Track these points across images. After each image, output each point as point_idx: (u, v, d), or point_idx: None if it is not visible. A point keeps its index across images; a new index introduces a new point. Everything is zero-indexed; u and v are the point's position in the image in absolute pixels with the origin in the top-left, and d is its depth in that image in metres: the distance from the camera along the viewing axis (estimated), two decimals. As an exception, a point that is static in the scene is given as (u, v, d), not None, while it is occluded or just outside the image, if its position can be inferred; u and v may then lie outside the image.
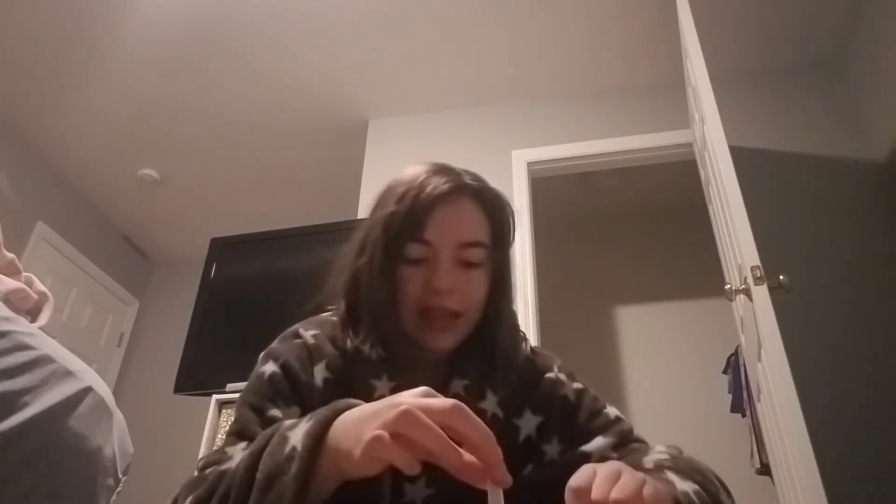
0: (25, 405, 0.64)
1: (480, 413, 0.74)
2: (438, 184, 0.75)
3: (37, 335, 0.73)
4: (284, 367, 0.74)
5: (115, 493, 0.76)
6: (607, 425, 0.79)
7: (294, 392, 0.72)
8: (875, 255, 2.33)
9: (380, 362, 0.75)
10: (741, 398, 2.67)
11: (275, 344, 0.79)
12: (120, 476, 0.76)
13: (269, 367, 0.74)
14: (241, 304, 2.53)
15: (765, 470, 2.39)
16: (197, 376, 2.36)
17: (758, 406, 2.00)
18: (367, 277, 0.76)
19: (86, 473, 0.70)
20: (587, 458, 0.74)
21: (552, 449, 0.78)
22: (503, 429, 0.76)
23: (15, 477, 0.62)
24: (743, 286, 1.65)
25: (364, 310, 0.77)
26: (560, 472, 0.74)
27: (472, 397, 0.75)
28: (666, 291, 3.44)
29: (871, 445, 2.02)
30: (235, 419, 0.72)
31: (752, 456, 2.60)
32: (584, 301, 3.52)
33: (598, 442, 0.76)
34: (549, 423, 0.79)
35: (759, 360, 1.72)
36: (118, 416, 0.78)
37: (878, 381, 2.11)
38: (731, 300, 1.89)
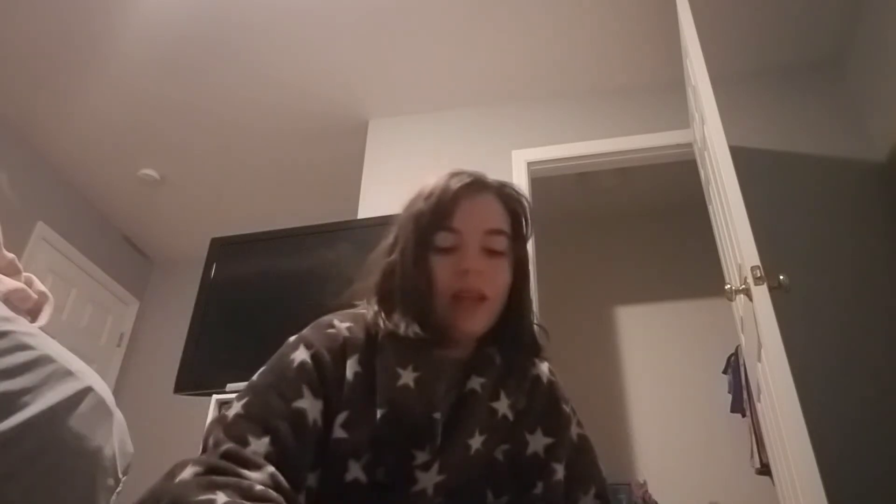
0: (25, 405, 0.64)
1: (492, 411, 0.79)
2: (462, 178, 0.83)
3: (37, 335, 0.73)
4: (316, 357, 0.74)
5: (114, 493, 0.76)
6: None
7: (322, 385, 0.72)
8: (875, 255, 2.33)
9: (408, 349, 0.77)
10: (741, 398, 2.67)
11: (307, 331, 0.79)
12: (120, 476, 0.76)
13: (300, 355, 0.73)
14: (241, 304, 2.53)
15: (765, 470, 2.39)
16: (197, 376, 2.36)
17: (758, 406, 2.00)
18: (402, 269, 0.80)
19: (86, 473, 0.70)
20: None
21: (560, 469, 0.82)
22: (510, 433, 0.80)
23: (15, 476, 0.62)
24: (743, 286, 1.65)
25: (398, 297, 0.80)
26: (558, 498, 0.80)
27: (486, 395, 0.80)
28: (666, 291, 3.44)
29: (871, 445, 2.02)
30: (261, 402, 0.69)
31: (752, 456, 2.60)
32: (584, 301, 3.52)
33: None
34: (558, 446, 0.83)
35: (759, 360, 1.72)
36: (118, 416, 0.78)
37: (878, 380, 2.11)
38: (731, 300, 1.89)
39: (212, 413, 2.08)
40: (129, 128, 3.22)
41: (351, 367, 0.75)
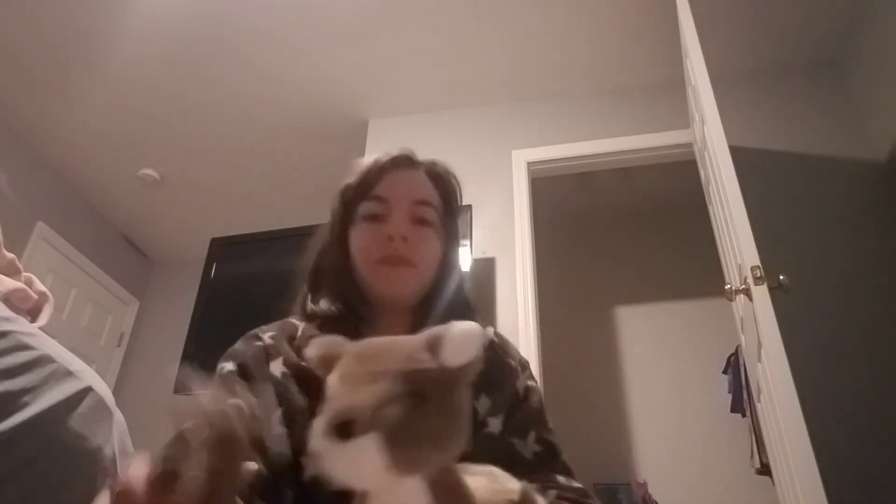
0: (25, 405, 0.64)
1: None
2: (388, 154, 0.83)
3: (37, 335, 0.73)
4: (241, 366, 0.75)
5: (115, 494, 0.76)
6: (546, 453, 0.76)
7: (247, 385, 0.76)
8: (875, 254, 2.33)
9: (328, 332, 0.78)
10: (741, 398, 2.67)
11: (236, 344, 0.81)
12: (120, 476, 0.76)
13: (228, 366, 0.76)
14: (241, 304, 2.53)
15: (765, 470, 2.39)
16: (197, 376, 2.36)
17: (758, 406, 2.00)
18: (328, 245, 0.83)
19: (86, 473, 0.70)
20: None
21: (496, 422, 0.75)
22: None
23: (15, 477, 0.62)
24: (743, 286, 1.65)
25: (324, 276, 0.83)
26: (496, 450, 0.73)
27: None
28: (666, 291, 3.44)
29: (871, 445, 2.02)
30: None
31: (752, 456, 2.61)
32: (584, 301, 3.52)
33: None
34: (497, 403, 0.77)
35: (759, 360, 1.72)
36: (118, 416, 0.78)
37: (878, 380, 2.11)
38: (731, 300, 1.89)
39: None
40: (129, 128, 3.22)
41: (276, 369, 0.75)
